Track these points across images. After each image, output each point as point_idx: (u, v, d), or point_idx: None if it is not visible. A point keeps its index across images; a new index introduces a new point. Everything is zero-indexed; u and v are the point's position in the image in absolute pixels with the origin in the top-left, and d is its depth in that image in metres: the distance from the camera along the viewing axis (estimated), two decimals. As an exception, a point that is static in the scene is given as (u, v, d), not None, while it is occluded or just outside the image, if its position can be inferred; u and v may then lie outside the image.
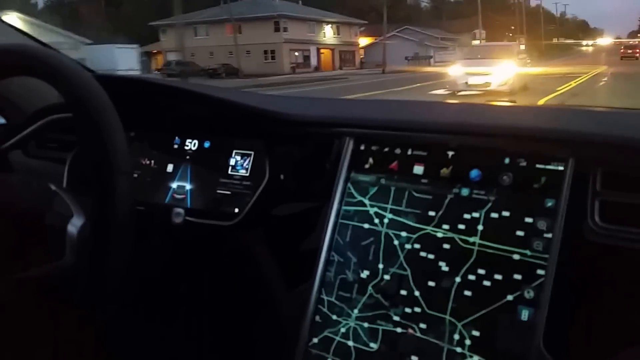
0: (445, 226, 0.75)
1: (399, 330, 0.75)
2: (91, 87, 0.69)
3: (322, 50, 45.17)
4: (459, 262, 0.73)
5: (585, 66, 24.09)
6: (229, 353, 1.10)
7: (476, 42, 44.82)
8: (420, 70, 30.97)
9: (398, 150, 0.81)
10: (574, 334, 0.70)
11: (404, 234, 0.77)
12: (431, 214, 0.76)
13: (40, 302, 0.76)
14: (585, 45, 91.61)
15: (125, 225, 0.69)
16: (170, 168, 1.02)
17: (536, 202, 0.70)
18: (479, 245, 0.72)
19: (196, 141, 1.02)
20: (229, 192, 0.96)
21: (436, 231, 0.75)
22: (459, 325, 0.71)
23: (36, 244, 0.70)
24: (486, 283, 0.70)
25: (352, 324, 0.77)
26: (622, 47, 42.88)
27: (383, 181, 0.81)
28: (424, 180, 0.78)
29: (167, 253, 1.07)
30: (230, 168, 0.97)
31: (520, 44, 52.41)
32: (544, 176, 0.71)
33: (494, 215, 0.72)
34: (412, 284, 0.75)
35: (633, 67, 23.05)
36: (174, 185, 1.01)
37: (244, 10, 39.30)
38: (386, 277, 0.77)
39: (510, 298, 0.69)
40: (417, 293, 0.74)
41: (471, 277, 0.71)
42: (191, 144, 1.02)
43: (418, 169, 0.79)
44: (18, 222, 0.69)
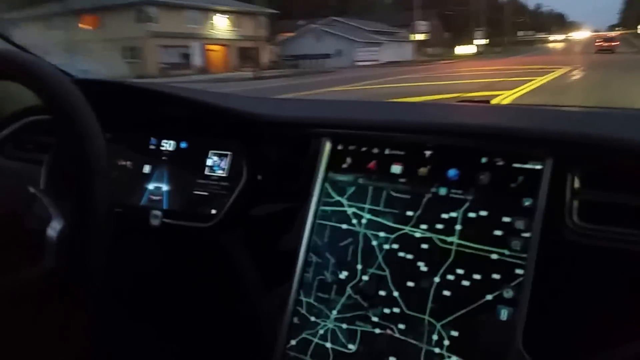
0: (424, 226, 0.74)
1: (378, 331, 0.74)
2: (69, 90, 0.69)
3: (212, 47, 32.99)
4: (437, 262, 0.72)
5: (539, 66, 18.54)
6: (207, 355, 1.09)
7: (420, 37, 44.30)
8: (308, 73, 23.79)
9: (376, 150, 0.80)
10: (554, 334, 0.70)
11: (382, 234, 0.77)
12: (409, 213, 0.76)
13: (19, 307, 0.75)
14: (553, 40, 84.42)
15: (103, 227, 0.68)
16: (147, 169, 1.01)
17: (514, 202, 0.70)
18: (457, 245, 0.72)
19: (173, 142, 1.00)
20: (206, 193, 0.95)
21: (414, 231, 0.75)
22: (438, 326, 0.70)
23: (14, 248, 0.68)
24: (465, 283, 0.70)
25: (331, 326, 0.77)
26: (597, 40, 38.11)
27: (361, 181, 0.80)
28: (402, 180, 0.77)
29: (145, 255, 1.06)
30: (207, 169, 0.96)
31: (476, 38, 50.22)
32: (521, 175, 0.70)
33: (472, 214, 0.72)
34: (391, 284, 0.74)
35: (608, 70, 16.21)
36: (151, 186, 0.99)
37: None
38: (365, 278, 0.76)
39: (489, 298, 0.68)
40: (396, 294, 0.74)
41: (450, 277, 0.71)
42: (168, 145, 1.01)
43: (396, 169, 0.78)
44: None
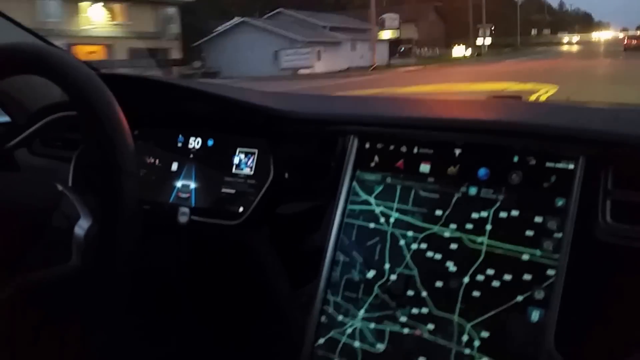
0: (453, 226, 0.73)
1: (406, 331, 0.74)
2: (96, 86, 0.68)
3: (87, 48, 23.17)
4: (466, 263, 0.71)
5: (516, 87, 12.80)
6: (234, 353, 1.10)
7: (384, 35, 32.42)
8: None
9: (404, 148, 0.80)
10: (585, 335, 0.68)
11: (410, 233, 0.76)
12: (438, 213, 0.75)
13: (46, 305, 0.76)
14: (568, 42, 64.71)
15: (132, 227, 0.68)
16: (174, 167, 1.02)
17: (546, 202, 0.69)
18: (488, 245, 0.71)
19: (199, 139, 1.01)
20: (233, 191, 0.95)
21: (443, 231, 0.74)
22: (468, 326, 0.70)
23: (42, 246, 0.69)
24: (495, 283, 0.69)
25: (359, 325, 0.76)
26: (627, 38, 39.49)
27: (389, 180, 0.80)
28: (431, 179, 0.77)
29: (172, 252, 1.07)
30: (234, 167, 0.96)
31: (480, 37, 43.71)
32: (554, 175, 0.69)
33: (503, 214, 0.71)
34: (419, 284, 0.74)
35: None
36: (178, 184, 1.00)
37: None
38: (392, 277, 0.76)
39: (519, 299, 0.67)
40: (425, 293, 0.73)
41: (479, 278, 0.70)
42: (195, 142, 1.01)
43: (424, 168, 0.78)
44: (24, 223, 0.68)
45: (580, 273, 0.66)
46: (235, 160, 0.97)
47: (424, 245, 0.75)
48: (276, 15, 32.80)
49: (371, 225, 0.79)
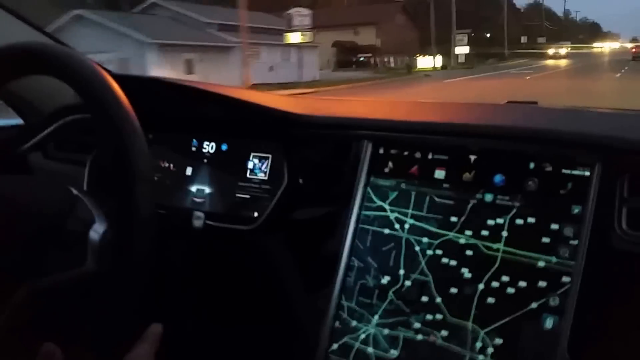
0: (468, 232, 0.74)
1: (420, 337, 0.74)
2: (110, 89, 0.67)
3: None
4: (482, 269, 0.71)
5: None
6: (248, 357, 1.10)
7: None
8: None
9: (418, 154, 0.80)
10: (600, 343, 0.68)
11: (425, 239, 0.76)
12: (453, 219, 0.75)
13: (61, 308, 0.76)
14: (554, 55, 46.43)
15: (148, 231, 0.68)
16: (189, 171, 1.02)
17: (562, 209, 0.69)
18: (503, 252, 0.71)
19: (213, 144, 1.01)
20: (248, 196, 0.95)
21: (458, 237, 0.74)
22: (482, 333, 0.70)
23: (57, 250, 0.69)
24: (510, 290, 0.69)
25: (372, 330, 0.77)
26: (634, 47, 38.16)
27: (403, 186, 0.80)
28: (446, 185, 0.77)
29: (188, 257, 1.07)
30: (248, 171, 0.97)
31: (458, 45, 32.72)
32: (570, 182, 0.69)
33: (519, 221, 0.71)
34: (434, 290, 0.74)
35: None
36: (193, 188, 1.01)
37: None
38: (407, 283, 0.76)
39: (534, 306, 0.67)
40: (439, 300, 0.73)
41: (494, 284, 0.70)
42: (209, 147, 1.02)
43: (439, 174, 0.78)
44: (39, 227, 0.69)
45: (595, 281, 0.66)
46: (249, 164, 0.97)
47: (439, 252, 0.75)
48: (150, 8, 23.66)
49: (386, 231, 0.79)
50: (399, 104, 1.22)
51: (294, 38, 21.98)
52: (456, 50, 35.25)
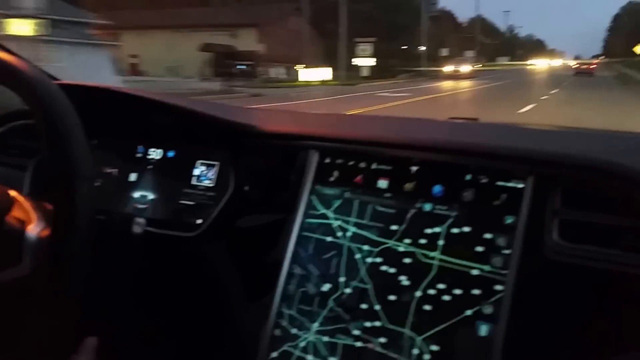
0: (407, 240, 0.75)
1: (359, 344, 0.74)
2: (53, 95, 0.68)
3: None
4: (419, 277, 0.73)
5: None
6: None
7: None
8: None
9: (363, 164, 0.81)
10: (533, 351, 0.70)
11: (366, 247, 0.77)
12: (393, 228, 0.76)
13: None
14: (451, 72, 32.35)
15: (85, 231, 0.67)
16: (133, 177, 1.01)
17: (496, 219, 0.71)
18: (440, 260, 0.72)
19: (160, 150, 1.01)
20: (192, 203, 0.95)
21: (398, 245, 0.75)
22: (418, 340, 0.71)
23: None
24: (446, 298, 0.71)
25: (312, 338, 0.77)
26: (577, 64, 45.82)
27: (347, 194, 0.81)
28: (388, 195, 0.78)
29: (127, 263, 1.05)
30: (194, 178, 0.96)
31: (360, 56, 26.55)
32: (504, 193, 0.72)
33: (455, 230, 0.73)
34: (373, 297, 0.75)
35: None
36: (136, 194, 0.99)
37: None
38: (347, 291, 0.77)
39: (469, 313, 0.69)
40: (378, 307, 0.74)
41: (431, 292, 0.72)
42: (155, 153, 1.01)
43: (382, 183, 0.79)
44: None
45: (528, 289, 0.68)
46: (195, 172, 0.96)
47: (379, 259, 0.76)
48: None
49: (328, 238, 0.80)
50: (348, 117, 1.25)
51: (18, 28, 14.17)
52: (357, 61, 29.41)
